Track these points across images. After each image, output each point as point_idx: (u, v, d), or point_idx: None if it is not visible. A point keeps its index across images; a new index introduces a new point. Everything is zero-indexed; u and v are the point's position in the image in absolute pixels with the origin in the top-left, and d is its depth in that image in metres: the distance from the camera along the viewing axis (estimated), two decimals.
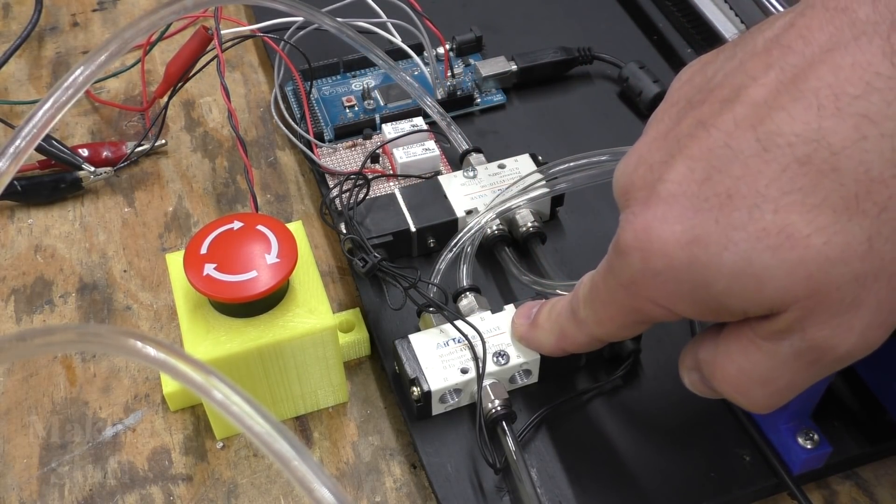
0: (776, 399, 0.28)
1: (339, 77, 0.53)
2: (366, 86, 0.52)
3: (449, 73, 0.52)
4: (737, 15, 0.53)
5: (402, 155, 0.47)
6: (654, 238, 0.26)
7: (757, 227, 0.24)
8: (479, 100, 0.52)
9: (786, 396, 0.28)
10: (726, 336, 0.28)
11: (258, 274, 0.34)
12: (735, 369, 0.28)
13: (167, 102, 0.50)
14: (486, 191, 0.44)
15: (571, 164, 0.42)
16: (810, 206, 0.24)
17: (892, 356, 0.37)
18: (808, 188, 0.24)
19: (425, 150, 0.47)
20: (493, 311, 0.39)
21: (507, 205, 0.42)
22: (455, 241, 0.41)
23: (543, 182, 0.43)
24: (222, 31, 0.45)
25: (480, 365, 0.37)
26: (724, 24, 0.53)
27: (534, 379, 0.39)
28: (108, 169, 0.49)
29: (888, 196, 0.23)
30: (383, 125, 0.48)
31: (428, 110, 0.48)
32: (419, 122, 0.48)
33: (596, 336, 0.32)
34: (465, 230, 0.42)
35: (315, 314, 0.36)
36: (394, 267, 0.39)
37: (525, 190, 0.43)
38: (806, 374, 0.27)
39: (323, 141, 0.49)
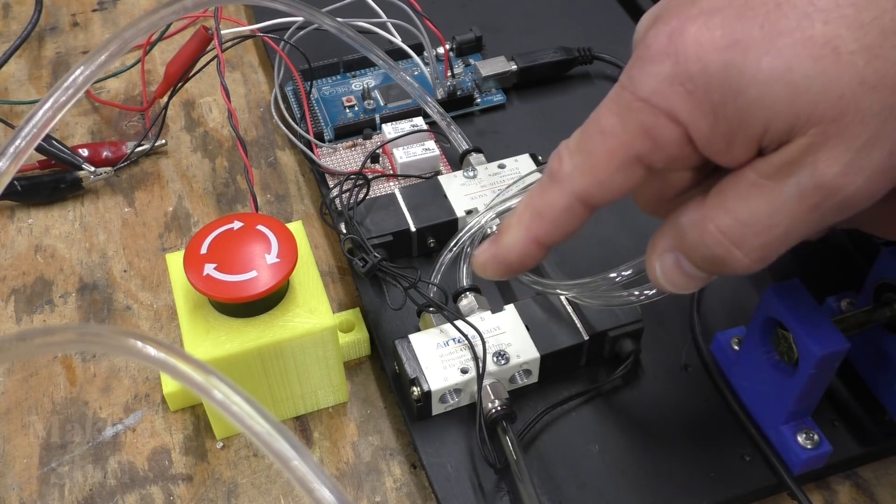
0: (771, 250, 0.26)
1: (339, 77, 0.53)
2: (366, 86, 0.52)
3: (449, 73, 0.52)
4: None
5: (402, 155, 0.47)
6: (691, 41, 0.25)
7: (804, 34, 0.24)
8: (479, 100, 0.52)
9: (781, 247, 0.26)
10: (721, 187, 0.27)
11: (258, 274, 0.34)
12: (730, 219, 0.26)
13: (167, 102, 0.50)
14: (486, 191, 0.44)
15: None
16: (861, 22, 0.23)
17: (893, 356, 0.37)
18: (863, 4, 0.23)
19: (425, 150, 0.47)
20: (493, 311, 0.39)
21: (507, 205, 0.42)
22: (455, 241, 0.42)
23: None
24: (222, 31, 0.45)
25: (480, 365, 0.37)
26: None
27: (534, 379, 0.39)
28: (108, 169, 0.49)
29: None
30: (383, 125, 0.48)
31: (428, 110, 0.48)
32: (419, 122, 0.48)
33: (581, 191, 0.28)
34: (464, 230, 0.42)
35: (315, 314, 0.36)
36: (394, 267, 0.39)
37: (525, 190, 0.43)
38: (806, 219, 0.26)
39: (323, 141, 0.49)
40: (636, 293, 0.37)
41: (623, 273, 0.37)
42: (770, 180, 0.25)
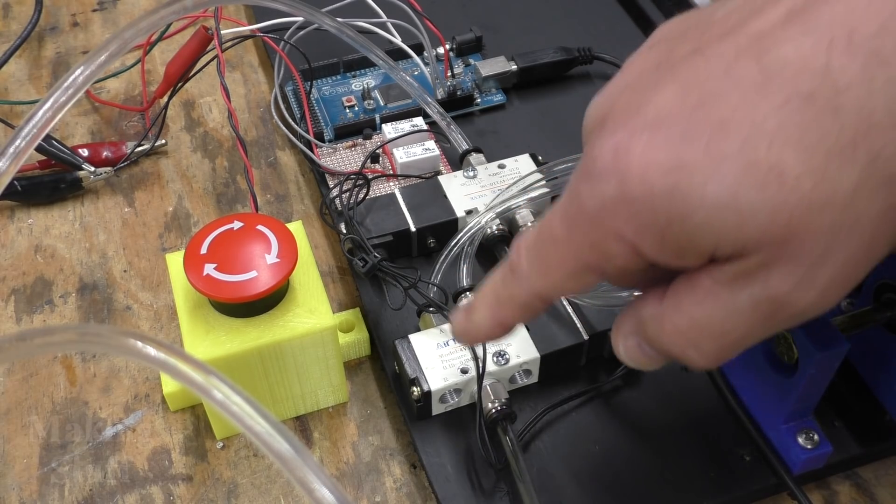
0: (725, 353, 0.27)
1: (339, 77, 0.53)
2: (366, 86, 0.52)
3: (449, 73, 0.52)
4: None
5: (402, 155, 0.47)
6: (635, 162, 0.24)
7: (747, 159, 0.23)
8: (479, 100, 0.52)
9: (735, 350, 0.27)
10: (677, 288, 0.27)
11: (258, 274, 0.34)
12: (686, 321, 0.26)
13: (167, 102, 0.50)
14: (486, 191, 0.44)
15: (571, 163, 0.42)
16: (806, 145, 0.23)
17: (892, 356, 0.37)
18: (807, 125, 0.23)
19: (425, 150, 0.47)
20: None
21: (507, 205, 0.42)
22: (455, 241, 0.41)
23: (543, 182, 0.43)
24: (222, 31, 0.45)
25: (480, 365, 0.37)
26: None
27: (534, 379, 0.39)
28: (108, 169, 0.49)
29: (882, 145, 0.22)
30: (383, 125, 0.48)
31: (428, 110, 0.48)
32: (419, 122, 0.48)
33: (538, 291, 0.29)
34: (464, 230, 0.42)
35: (315, 314, 0.36)
36: (394, 267, 0.39)
37: (525, 190, 0.43)
38: (761, 327, 0.26)
39: (323, 141, 0.49)
40: (636, 294, 0.37)
41: None
42: (724, 288, 0.25)
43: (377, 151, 0.48)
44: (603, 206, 0.25)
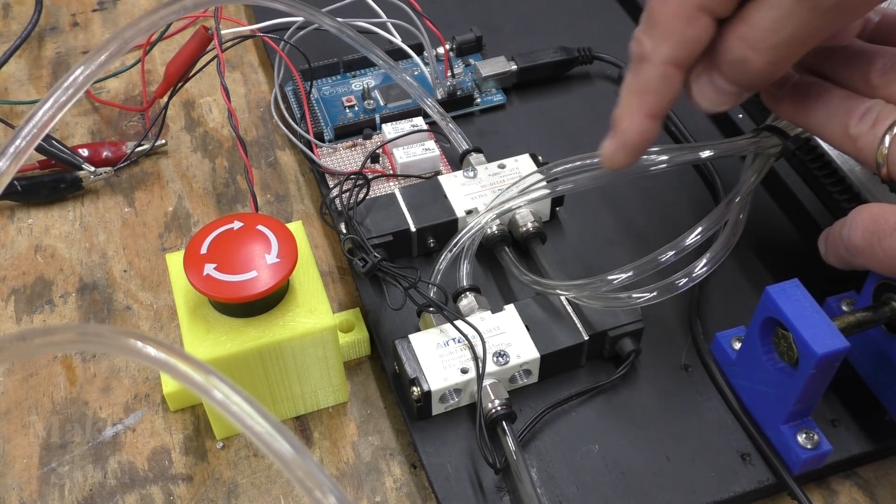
0: (780, 52, 0.31)
1: (339, 77, 0.53)
2: (366, 86, 0.52)
3: (449, 73, 0.52)
4: None
5: (402, 155, 0.47)
6: None
7: None
8: (479, 100, 0.52)
9: (789, 51, 0.31)
10: (744, 7, 0.31)
11: (258, 274, 0.34)
12: (746, 27, 0.31)
13: (167, 102, 0.50)
14: (486, 191, 0.44)
15: (571, 164, 0.42)
16: None
17: (892, 356, 0.37)
18: None
19: (425, 150, 0.47)
20: (493, 311, 0.39)
21: (508, 205, 0.42)
22: (455, 241, 0.41)
23: (544, 183, 0.43)
24: (222, 31, 0.45)
25: (480, 365, 0.37)
26: None
27: (534, 379, 0.39)
28: (108, 169, 0.49)
29: None
30: (383, 125, 0.48)
31: (428, 110, 0.48)
32: (419, 122, 0.48)
33: (668, 57, 0.32)
34: (465, 230, 0.42)
35: (315, 314, 0.36)
36: (394, 267, 0.39)
37: (525, 191, 0.43)
38: (807, 20, 0.30)
39: (323, 141, 0.49)
40: (635, 296, 0.38)
41: (623, 275, 0.37)
42: None
43: (377, 151, 0.48)
44: None
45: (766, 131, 0.40)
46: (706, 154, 0.40)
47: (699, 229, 0.38)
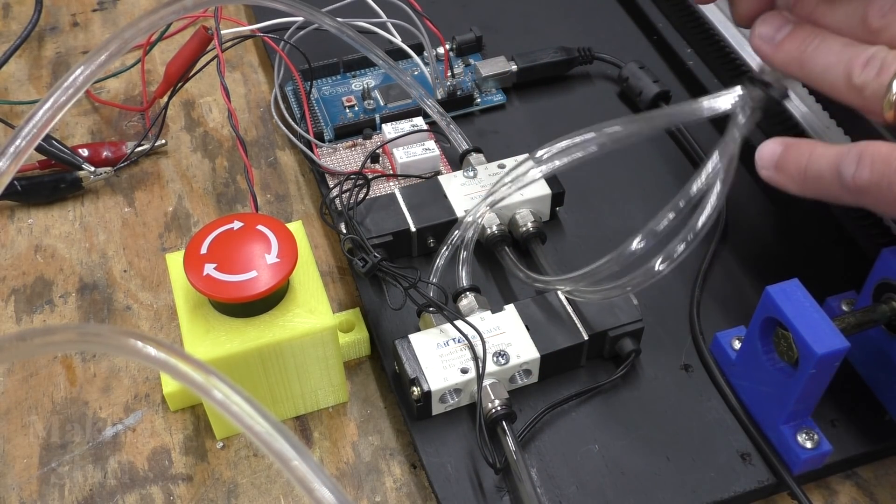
0: None
1: (339, 77, 0.53)
2: (366, 86, 0.52)
3: (449, 73, 0.52)
4: None
5: (402, 155, 0.47)
6: None
7: None
8: (479, 100, 0.52)
9: None
10: None
11: (258, 274, 0.34)
12: None
13: (167, 102, 0.50)
14: (486, 190, 0.44)
15: (559, 145, 0.40)
16: None
17: (892, 356, 0.37)
18: None
19: (425, 150, 0.47)
20: (493, 311, 0.39)
21: (500, 194, 0.41)
22: (451, 237, 0.41)
23: (534, 167, 0.41)
24: (222, 31, 0.45)
25: (480, 365, 0.37)
26: (723, 23, 0.53)
27: (534, 379, 0.39)
28: (108, 169, 0.49)
29: None
30: (383, 125, 0.48)
31: (428, 110, 0.48)
32: (419, 122, 0.48)
33: None
34: (462, 224, 0.41)
35: (315, 314, 0.36)
36: (394, 267, 0.39)
37: (517, 178, 0.41)
38: None
39: (323, 141, 0.49)
40: (628, 279, 0.36)
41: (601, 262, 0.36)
42: None
43: (377, 151, 0.48)
44: None
45: (748, 83, 0.37)
46: (684, 112, 0.38)
47: (671, 209, 0.35)
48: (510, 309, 0.39)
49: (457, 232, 0.41)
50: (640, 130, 0.38)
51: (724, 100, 0.38)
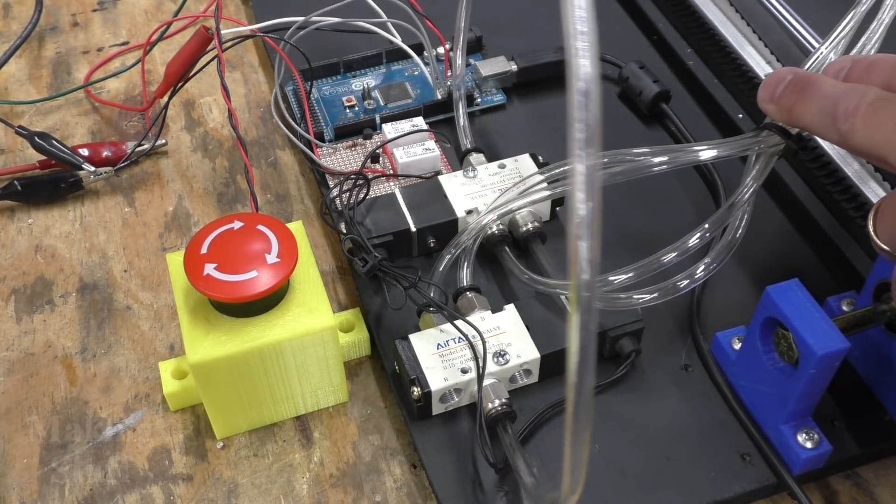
0: None
1: (339, 77, 0.53)
2: (366, 86, 0.52)
3: (449, 73, 0.52)
4: (737, 12, 0.53)
5: (402, 155, 0.47)
6: None
7: None
8: (479, 100, 0.52)
9: None
10: None
11: (258, 274, 0.34)
12: None
13: (167, 102, 0.50)
14: (486, 191, 0.44)
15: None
16: None
17: (892, 356, 0.37)
18: None
19: (425, 150, 0.47)
20: (494, 311, 0.39)
21: (509, 206, 0.42)
22: (456, 241, 0.41)
23: (545, 184, 0.42)
24: (222, 31, 0.45)
25: (480, 365, 0.37)
26: (724, 23, 0.53)
27: (534, 379, 0.39)
28: (109, 169, 0.49)
29: None
30: (383, 125, 0.48)
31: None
32: (419, 122, 0.48)
33: None
34: (465, 231, 0.42)
35: (315, 314, 0.36)
36: (394, 267, 0.39)
37: (526, 192, 0.42)
38: None
39: (323, 141, 0.49)
40: (636, 297, 0.38)
41: (623, 276, 0.37)
42: None
43: (377, 151, 0.48)
44: None
45: (767, 129, 0.40)
46: (707, 155, 0.40)
47: (700, 232, 0.38)
48: (510, 309, 0.39)
49: (460, 238, 0.41)
50: (662, 164, 0.40)
51: (743, 144, 0.40)
